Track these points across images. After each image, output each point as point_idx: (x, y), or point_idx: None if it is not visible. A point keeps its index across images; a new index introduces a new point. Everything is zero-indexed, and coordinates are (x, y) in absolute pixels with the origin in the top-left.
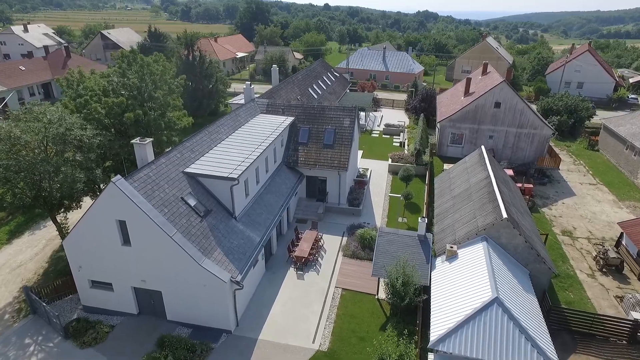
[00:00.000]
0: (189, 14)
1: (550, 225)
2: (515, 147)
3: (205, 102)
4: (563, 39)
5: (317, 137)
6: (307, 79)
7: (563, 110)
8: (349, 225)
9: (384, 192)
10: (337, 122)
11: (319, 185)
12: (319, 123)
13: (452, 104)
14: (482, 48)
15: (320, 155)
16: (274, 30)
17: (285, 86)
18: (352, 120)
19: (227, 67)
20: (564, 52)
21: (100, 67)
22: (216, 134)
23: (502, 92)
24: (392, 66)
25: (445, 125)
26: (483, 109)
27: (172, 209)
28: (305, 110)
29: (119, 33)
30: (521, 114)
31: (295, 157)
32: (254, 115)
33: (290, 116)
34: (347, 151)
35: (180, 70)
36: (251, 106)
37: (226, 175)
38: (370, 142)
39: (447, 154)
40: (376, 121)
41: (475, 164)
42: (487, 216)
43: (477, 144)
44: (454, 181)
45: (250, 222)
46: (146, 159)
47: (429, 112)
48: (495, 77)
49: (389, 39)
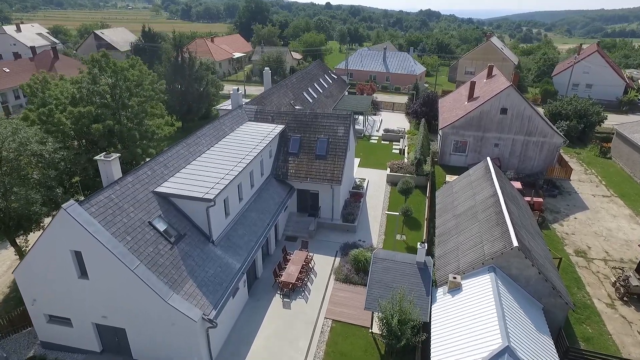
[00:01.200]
0: (190, 13)
1: (562, 244)
2: (523, 156)
3: (195, 106)
4: (567, 37)
5: (309, 147)
6: (302, 81)
7: (572, 115)
8: (343, 243)
9: (382, 206)
10: (330, 130)
11: (311, 199)
12: (311, 132)
13: (455, 109)
14: (486, 48)
15: (312, 167)
16: (272, 30)
17: (277, 90)
18: (346, 128)
19: (223, 68)
20: (569, 51)
21: None
22: (195, 146)
23: (509, 97)
24: (392, 67)
25: (447, 133)
26: (488, 116)
27: (137, 236)
28: (296, 117)
29: (113, 33)
30: (529, 120)
31: (285, 169)
32: (241, 123)
33: (280, 124)
34: (341, 163)
35: (169, 73)
36: (238, 113)
37: (201, 195)
38: (369, 149)
39: (450, 163)
40: (375, 125)
41: (480, 178)
42: (495, 242)
43: (482, 153)
44: (458, 196)
45: (231, 245)
46: (112, 177)
47: (431, 117)
48: (501, 81)
49: (391, 38)
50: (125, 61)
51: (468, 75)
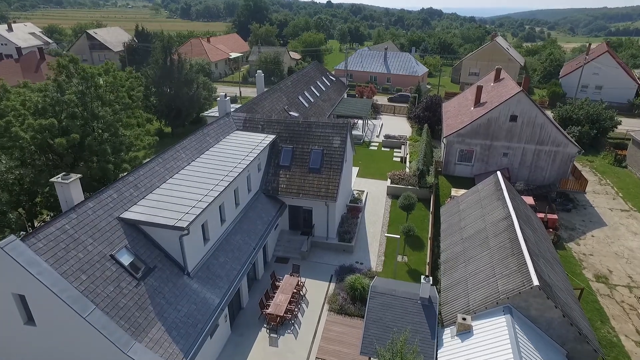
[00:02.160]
0: (189, 12)
1: (579, 266)
2: (534, 167)
3: (185, 110)
4: (570, 36)
5: (302, 159)
6: (298, 85)
7: (584, 120)
8: (339, 266)
9: (382, 222)
10: (325, 141)
11: (304, 216)
12: (304, 142)
13: (460, 115)
14: (491, 49)
15: (305, 182)
16: (269, 29)
17: (271, 95)
18: (343, 139)
19: (219, 69)
20: (575, 51)
21: None
22: (173, 162)
23: (520, 103)
24: (394, 68)
25: (452, 141)
26: (497, 123)
27: (95, 273)
28: (288, 126)
29: (106, 33)
30: (541, 128)
31: (276, 184)
32: (228, 133)
33: (271, 134)
34: (337, 177)
35: (157, 76)
36: (225, 122)
37: (172, 223)
38: (368, 157)
39: (455, 173)
40: (375, 131)
41: (490, 195)
42: (510, 277)
43: (489, 163)
44: (465, 215)
45: (210, 276)
46: (71, 202)
47: (434, 121)
48: (511, 86)
49: (392, 37)
50: (99, 66)
51: (472, 76)
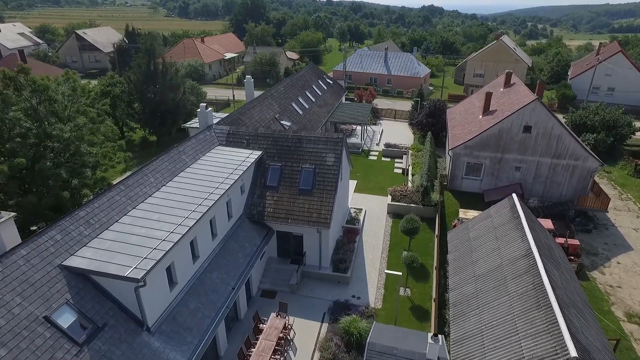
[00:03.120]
0: (187, 10)
1: (607, 302)
2: (550, 182)
3: (171, 117)
4: (573, 33)
5: (291, 179)
6: (292, 90)
7: (599, 126)
8: (333, 301)
9: (381, 246)
10: (317, 158)
11: (294, 242)
12: (294, 159)
13: (467, 124)
14: (497, 49)
15: (295, 205)
16: (266, 29)
17: (260, 102)
18: (337, 156)
19: (213, 70)
20: (580, 49)
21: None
22: (139, 188)
23: (534, 113)
24: (394, 69)
25: (459, 154)
26: (509, 134)
27: (20, 344)
28: (276, 141)
29: (97, 33)
30: (558, 140)
31: (262, 207)
32: (209, 150)
33: (257, 149)
34: (331, 200)
35: (139, 82)
36: (206, 137)
37: (124, 273)
38: (367, 168)
39: (461, 188)
40: (375, 138)
41: (506, 223)
42: (537, 338)
43: (500, 177)
44: (477, 246)
45: (176, 330)
46: (3, 247)
47: (438, 128)
48: (523, 92)
49: (393, 36)
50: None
51: (477, 77)
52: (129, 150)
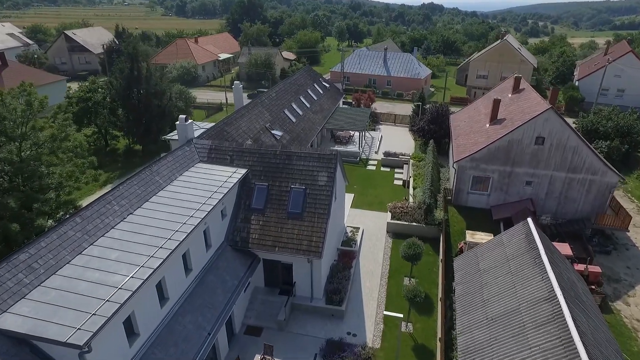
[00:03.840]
0: (185, 9)
1: (634, 339)
2: (564, 198)
3: (155, 125)
4: (574, 30)
5: (279, 201)
6: (285, 95)
7: (613, 133)
8: (325, 340)
9: (380, 271)
10: (308, 177)
11: (283, 271)
12: (282, 178)
13: (472, 133)
14: (501, 49)
15: (283, 231)
16: (261, 28)
17: (249, 111)
18: (331, 174)
19: (206, 72)
20: (583, 47)
21: (42, 79)
22: (100, 219)
23: (548, 123)
24: (394, 70)
25: (465, 167)
26: (519, 146)
27: None
28: (263, 158)
29: (87, 33)
30: (574, 153)
31: (246, 233)
32: (187, 168)
33: (242, 167)
34: (323, 226)
35: (122, 87)
36: (184, 153)
37: (64, 338)
38: (365, 179)
39: (467, 204)
40: (374, 145)
41: (522, 255)
42: None
43: (510, 192)
44: (488, 280)
45: None
46: None
47: (441, 135)
48: (534, 99)
49: (392, 35)
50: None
51: (480, 79)
52: (112, 160)
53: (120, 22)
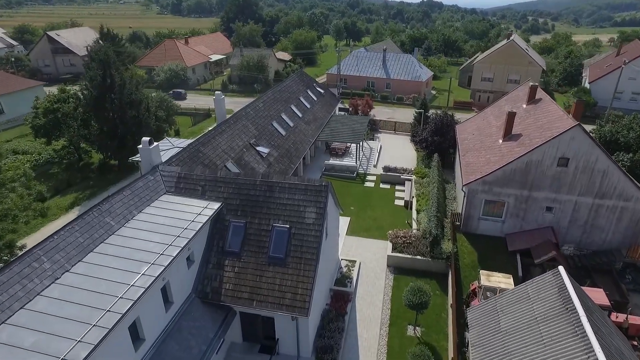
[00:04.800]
0: (180, 7)
1: None
2: (590, 226)
3: (131, 138)
4: (575, 27)
5: (259, 242)
6: (274, 104)
7: (635, 144)
8: None
9: (380, 318)
10: (294, 213)
11: (263, 325)
12: (262, 215)
13: (483, 149)
14: (507, 50)
15: (262, 280)
16: (254, 28)
17: (232, 125)
18: (320, 210)
19: (197, 74)
20: (587, 45)
21: (15, 85)
22: (22, 284)
23: (574, 142)
24: (394, 72)
25: (476, 190)
26: (539, 168)
27: None
28: (240, 188)
29: (72, 34)
30: (604, 176)
31: (218, 282)
32: (150, 201)
33: (215, 200)
34: (310, 274)
35: (93, 97)
36: (148, 183)
37: None
38: (362, 198)
39: (478, 231)
40: (372, 157)
41: (555, 317)
42: None
43: (527, 219)
44: (512, 345)
45: None
46: None
47: (445, 147)
48: (555, 113)
49: (391, 33)
50: None
51: (485, 82)
52: (84, 177)
53: (116, 20)
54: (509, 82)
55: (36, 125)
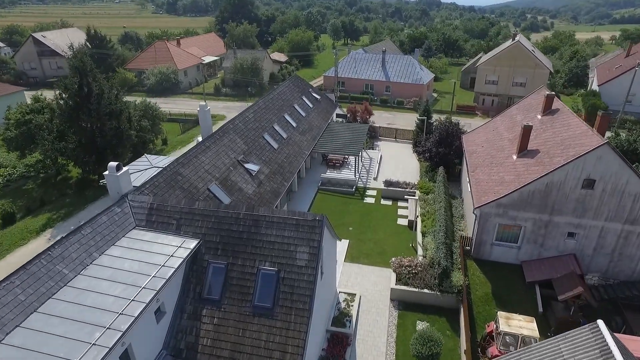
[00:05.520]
0: (176, 6)
1: None
2: (618, 255)
3: (111, 151)
4: (573, 25)
5: (242, 288)
6: (266, 114)
7: None
8: None
9: None
10: (283, 254)
11: None
12: (246, 255)
13: (494, 165)
14: (513, 52)
15: (246, 335)
16: (248, 28)
17: (218, 141)
18: (314, 249)
19: (189, 77)
20: (588, 43)
21: None
22: None
23: (602, 163)
24: (394, 75)
25: (489, 214)
26: (561, 190)
27: None
28: (220, 222)
29: (59, 36)
30: (635, 200)
31: (194, 336)
32: (116, 239)
33: (192, 236)
34: (302, 327)
35: (69, 108)
36: (114, 217)
37: None
38: (362, 216)
39: (491, 257)
40: (372, 168)
41: None
42: None
43: (546, 245)
44: None
45: None
46: None
47: (451, 158)
48: (576, 126)
49: (390, 33)
50: None
51: (490, 85)
52: (61, 193)
53: (109, 20)
54: (515, 85)
55: (7, 138)
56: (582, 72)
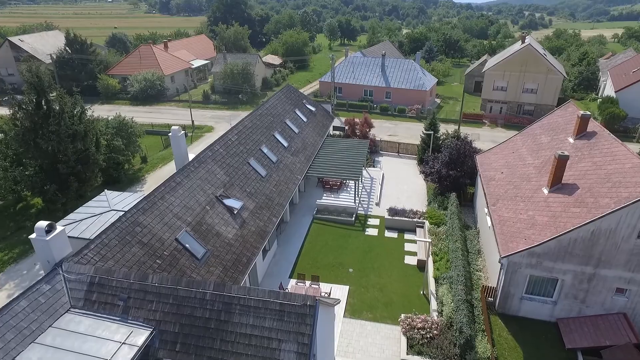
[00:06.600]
0: (169, 6)
1: None
2: None
3: (76, 178)
4: (571, 22)
5: None
6: (253, 134)
7: None
8: None
9: None
10: (262, 352)
11: None
12: (212, 353)
13: (520, 200)
14: (524, 56)
15: None
16: (240, 30)
17: (193, 172)
18: (304, 348)
19: (176, 83)
20: (591, 42)
21: None
22: None
23: None
24: (394, 80)
25: (519, 264)
26: (610, 240)
27: None
28: (180, 306)
29: (38, 39)
30: None
31: None
32: (41, 330)
33: (143, 324)
34: None
35: (25, 129)
36: (40, 298)
37: None
38: (364, 252)
39: (520, 313)
40: (373, 191)
41: None
42: None
43: (589, 302)
44: None
45: None
46: None
47: (463, 182)
48: (625, 156)
49: (388, 32)
50: None
51: (498, 91)
52: (18, 226)
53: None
54: (525, 92)
55: None
56: (593, 75)
